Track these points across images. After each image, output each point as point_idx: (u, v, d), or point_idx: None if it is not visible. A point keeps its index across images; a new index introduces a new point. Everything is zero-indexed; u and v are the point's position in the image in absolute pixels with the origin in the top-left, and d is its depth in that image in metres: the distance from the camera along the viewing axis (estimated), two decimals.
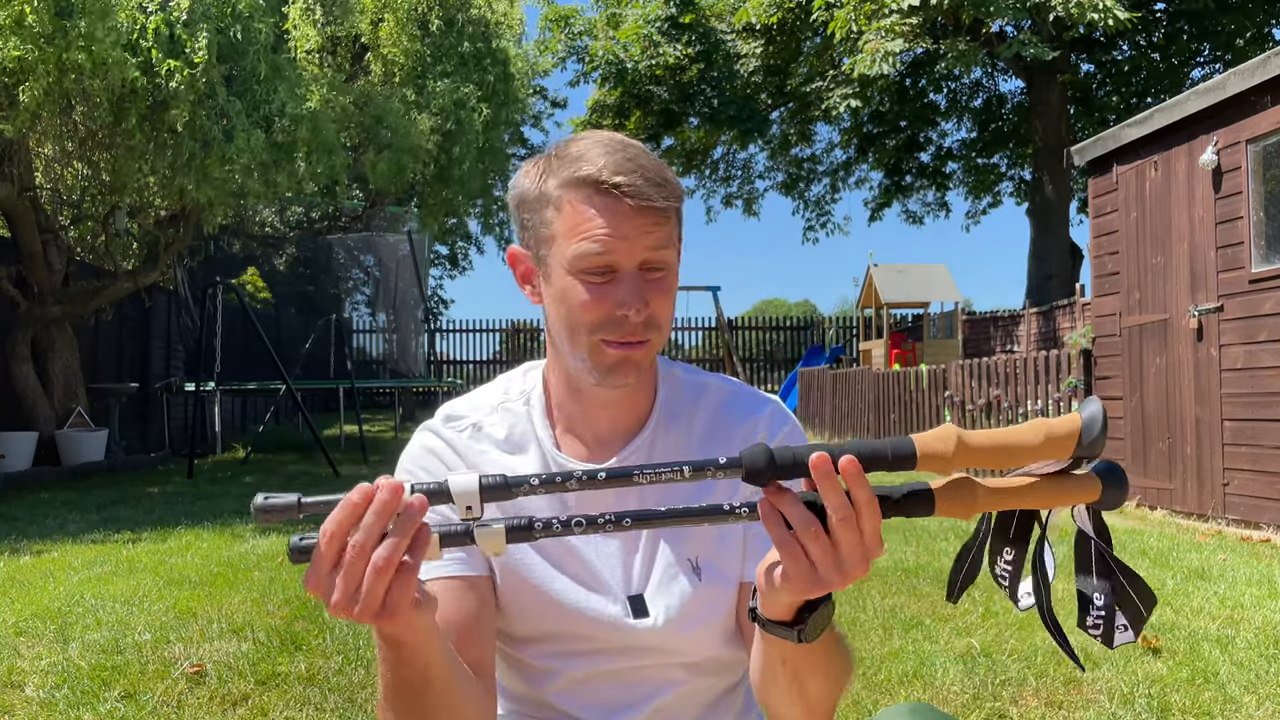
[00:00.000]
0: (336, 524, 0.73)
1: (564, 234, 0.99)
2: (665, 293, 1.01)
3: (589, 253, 0.97)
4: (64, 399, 9.23)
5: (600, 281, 0.98)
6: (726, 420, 1.12)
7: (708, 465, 0.76)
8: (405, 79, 10.80)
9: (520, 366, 1.19)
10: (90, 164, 9.65)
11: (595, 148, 0.99)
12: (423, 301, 15.89)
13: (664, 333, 1.03)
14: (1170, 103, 5.94)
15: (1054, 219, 16.77)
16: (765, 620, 0.85)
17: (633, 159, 0.98)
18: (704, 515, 0.77)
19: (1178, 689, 2.62)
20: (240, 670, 2.81)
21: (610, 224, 0.97)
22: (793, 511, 0.74)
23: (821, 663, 0.90)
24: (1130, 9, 13.19)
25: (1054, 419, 0.75)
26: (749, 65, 18.75)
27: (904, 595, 3.75)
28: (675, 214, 1.02)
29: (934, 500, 0.74)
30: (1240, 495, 5.42)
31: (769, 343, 21.16)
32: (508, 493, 0.77)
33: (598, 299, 0.98)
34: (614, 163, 0.97)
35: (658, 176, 0.98)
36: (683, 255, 1.09)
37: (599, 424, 1.10)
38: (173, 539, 5.23)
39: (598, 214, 0.97)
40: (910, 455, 0.74)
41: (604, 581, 1.07)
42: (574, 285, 0.99)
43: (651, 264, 0.99)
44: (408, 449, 1.11)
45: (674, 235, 1.02)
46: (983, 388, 8.43)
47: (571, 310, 1.00)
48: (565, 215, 0.99)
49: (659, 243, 0.99)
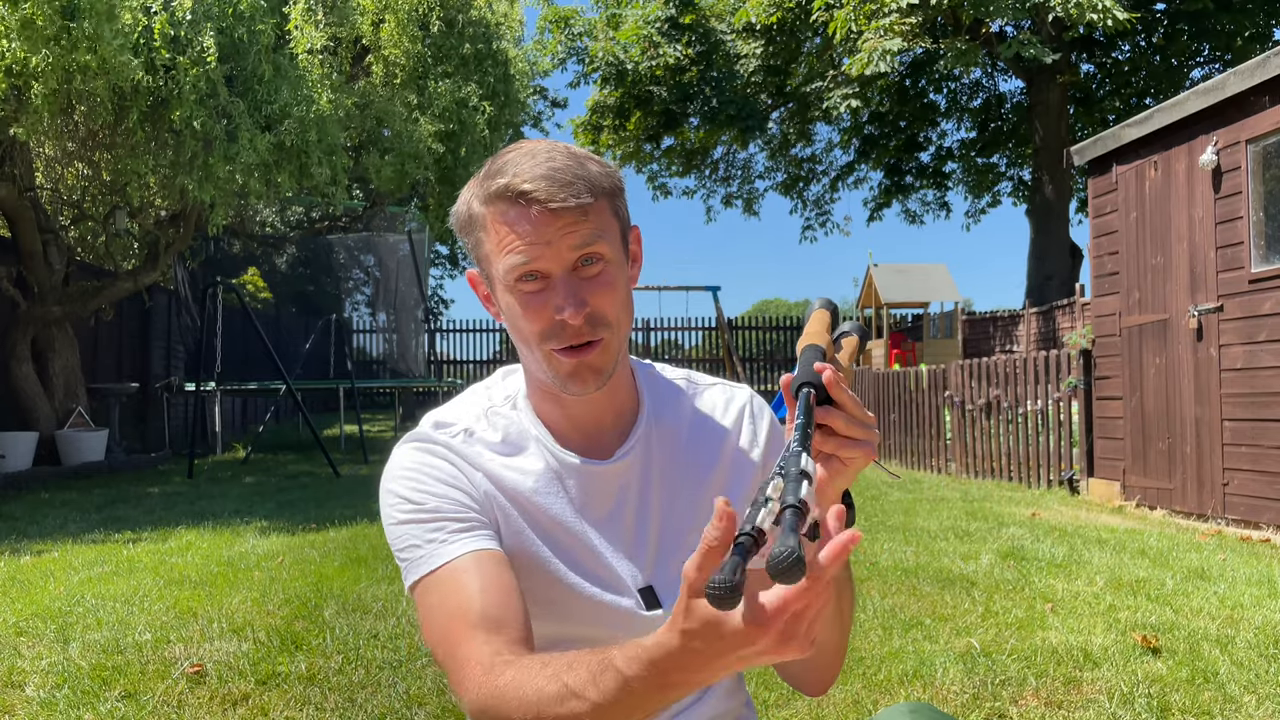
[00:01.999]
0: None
1: (494, 251, 1.00)
2: (606, 286, 0.99)
3: (516, 265, 0.97)
4: (64, 399, 9.23)
5: (536, 289, 0.98)
6: (712, 413, 1.16)
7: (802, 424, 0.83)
8: (406, 80, 10.80)
9: (496, 373, 1.19)
10: (91, 164, 9.66)
11: (512, 161, 0.99)
12: (423, 301, 15.89)
13: (617, 328, 1.01)
14: (1170, 103, 5.94)
15: (1054, 219, 16.78)
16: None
17: (543, 163, 0.97)
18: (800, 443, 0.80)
19: (1178, 689, 2.62)
20: (240, 670, 2.81)
21: (528, 232, 0.96)
22: (839, 391, 0.88)
23: (847, 578, 1.05)
24: (1130, 9, 13.20)
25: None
26: (749, 65, 18.77)
27: (904, 595, 3.75)
28: (603, 204, 1.00)
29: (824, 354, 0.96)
30: (1240, 495, 5.42)
31: (769, 343, 21.16)
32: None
33: (537, 308, 0.98)
34: (525, 170, 0.97)
35: (567, 175, 0.97)
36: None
37: (585, 423, 1.10)
38: (173, 539, 5.23)
39: (514, 225, 0.97)
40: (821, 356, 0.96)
41: (617, 576, 1.07)
42: (514, 299, 1.00)
43: (585, 258, 0.98)
44: (400, 468, 1.06)
45: (605, 227, 1.00)
46: (983, 388, 8.43)
47: (517, 324, 1.01)
48: (490, 233, 1.00)
49: (584, 240, 0.97)
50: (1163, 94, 16.81)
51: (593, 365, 1.00)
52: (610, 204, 1.02)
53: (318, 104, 8.41)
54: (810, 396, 0.87)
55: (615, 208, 1.03)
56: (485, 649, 0.91)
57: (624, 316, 1.03)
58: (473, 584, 0.96)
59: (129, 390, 10.42)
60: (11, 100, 7.10)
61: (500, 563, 1.00)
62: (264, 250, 16.42)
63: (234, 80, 7.96)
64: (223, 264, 14.81)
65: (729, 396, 1.18)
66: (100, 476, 8.68)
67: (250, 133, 7.76)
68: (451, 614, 0.95)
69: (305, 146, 8.26)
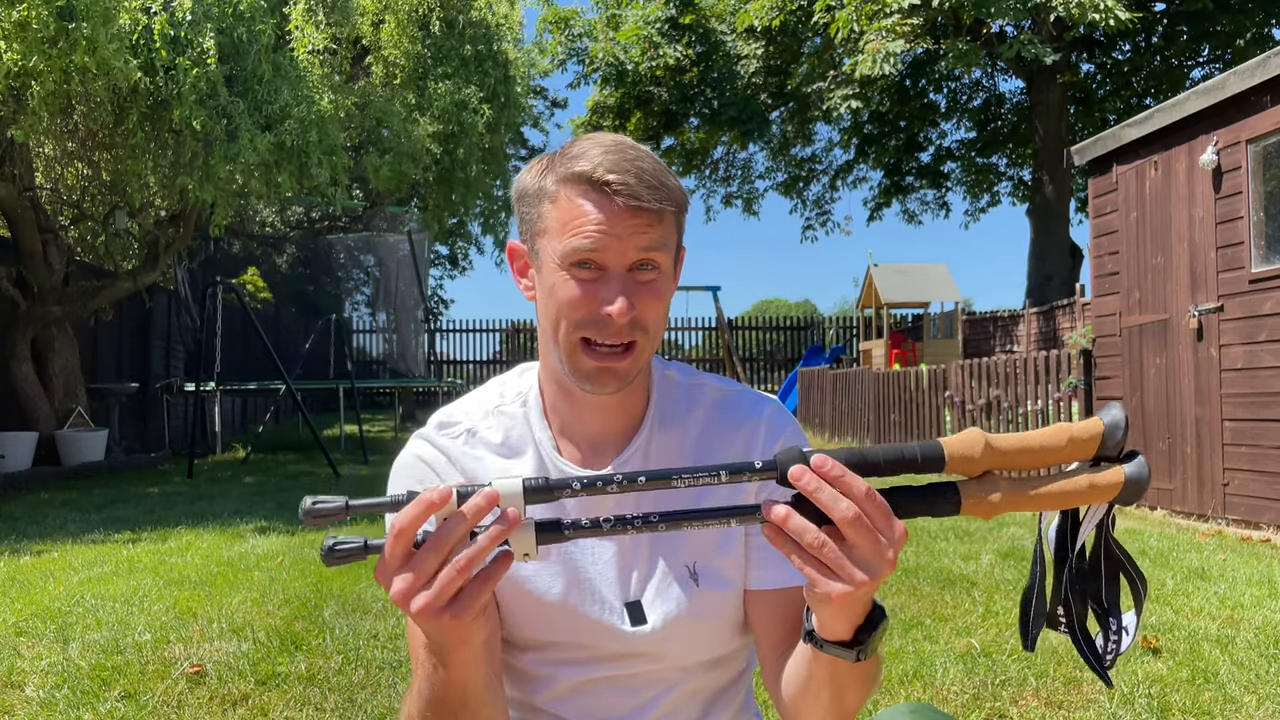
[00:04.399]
0: (408, 520, 0.75)
1: (557, 228, 0.99)
2: (655, 296, 0.99)
3: (579, 248, 0.96)
4: (64, 399, 9.23)
5: (589, 278, 0.97)
6: (723, 423, 1.11)
7: (744, 469, 0.78)
8: (406, 81, 10.81)
9: (515, 368, 1.18)
10: (90, 164, 9.66)
11: (596, 147, 0.99)
12: (423, 301, 15.89)
13: (653, 338, 1.01)
14: (1170, 103, 5.93)
15: (1054, 219, 16.77)
16: (824, 642, 0.84)
17: (631, 160, 0.98)
18: (729, 514, 0.78)
19: (1178, 689, 2.62)
20: (240, 670, 2.81)
21: (602, 220, 0.96)
22: (792, 525, 0.74)
23: (867, 674, 0.91)
24: (1130, 9, 13.19)
25: (1077, 423, 0.78)
26: (749, 66, 18.77)
27: (904, 595, 3.75)
28: (672, 218, 1.00)
29: (958, 492, 0.76)
30: (1240, 495, 5.42)
31: (769, 343, 21.16)
32: (550, 495, 0.77)
33: (585, 295, 0.97)
34: (610, 161, 0.97)
35: (654, 179, 0.97)
36: (684, 255, 1.08)
37: (591, 426, 1.09)
38: (173, 539, 5.23)
39: (590, 210, 0.97)
40: (939, 458, 0.76)
41: (600, 589, 1.06)
42: (564, 279, 0.98)
43: (642, 263, 0.98)
44: (400, 458, 1.10)
45: (669, 239, 1.00)
46: (983, 388, 8.43)
47: (559, 304, 0.99)
48: (559, 209, 0.99)
49: (651, 244, 0.97)
50: (1163, 94, 16.81)
51: (617, 371, 1.00)
52: (677, 219, 1.02)
53: (318, 104, 8.41)
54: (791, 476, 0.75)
55: (679, 224, 1.03)
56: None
57: (659, 327, 1.02)
58: None
59: (129, 390, 10.41)
60: (10, 102, 7.10)
61: None
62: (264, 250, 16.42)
63: (234, 80, 7.96)
64: (223, 264, 14.82)
65: (747, 405, 1.13)
66: (100, 476, 8.68)
67: (250, 133, 7.76)
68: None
69: (305, 147, 8.26)
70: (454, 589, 0.75)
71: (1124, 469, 0.77)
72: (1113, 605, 0.82)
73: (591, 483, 0.77)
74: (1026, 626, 0.82)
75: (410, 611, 0.76)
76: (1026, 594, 0.83)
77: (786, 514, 0.74)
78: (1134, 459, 0.78)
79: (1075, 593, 0.82)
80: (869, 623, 0.83)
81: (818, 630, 0.85)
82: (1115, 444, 0.77)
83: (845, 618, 0.81)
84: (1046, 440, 0.77)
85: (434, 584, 0.75)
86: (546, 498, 0.77)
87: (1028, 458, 0.77)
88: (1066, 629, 0.82)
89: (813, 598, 0.78)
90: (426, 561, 0.75)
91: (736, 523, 0.78)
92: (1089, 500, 0.78)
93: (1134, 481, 0.77)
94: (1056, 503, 0.78)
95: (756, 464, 0.77)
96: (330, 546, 0.76)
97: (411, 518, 0.74)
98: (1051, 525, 0.83)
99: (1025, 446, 0.77)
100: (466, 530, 0.75)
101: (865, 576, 0.74)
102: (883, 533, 0.74)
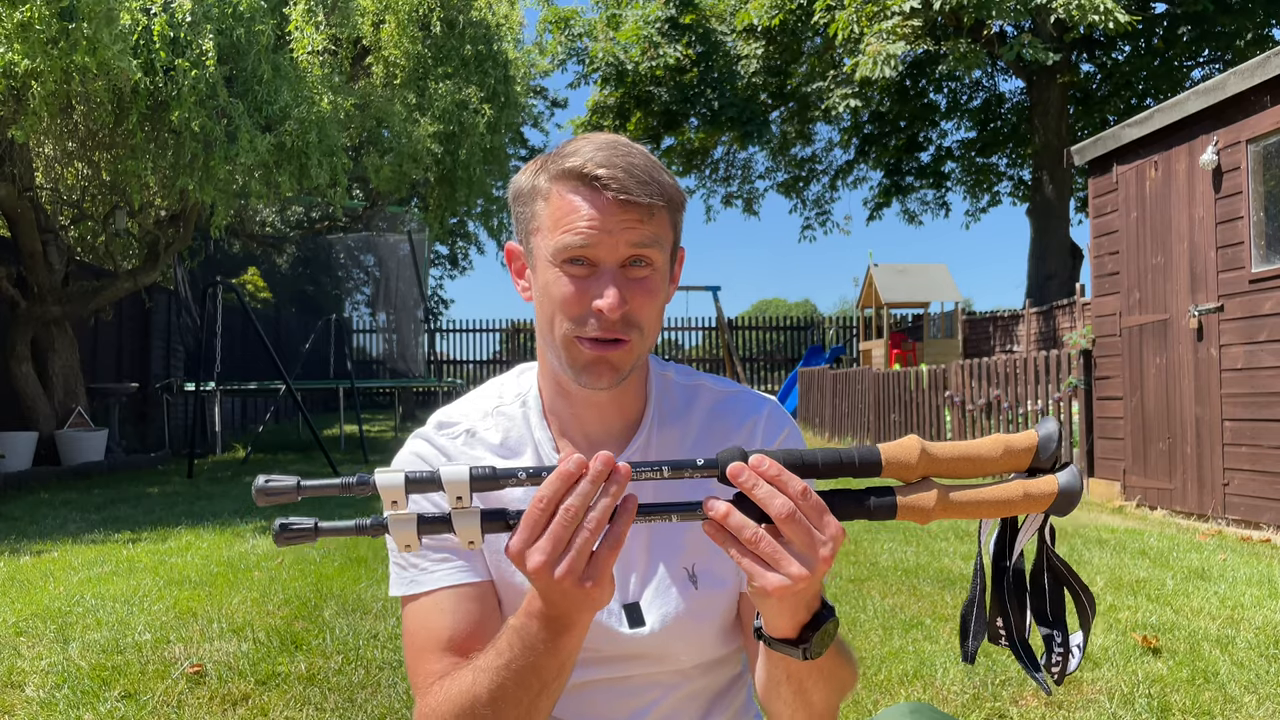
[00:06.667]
0: (553, 490, 0.78)
1: (549, 225, 0.99)
2: (648, 293, 0.99)
3: (571, 244, 0.96)
4: (64, 399, 9.23)
5: (581, 275, 0.98)
6: (722, 423, 1.11)
7: (685, 465, 0.80)
8: (406, 81, 10.81)
9: (514, 369, 1.18)
10: (90, 164, 9.65)
11: (588, 145, 0.99)
12: (423, 301, 15.90)
13: (647, 335, 1.01)
14: (1170, 103, 5.93)
15: (1054, 219, 16.77)
16: (770, 639, 0.86)
17: (622, 155, 0.98)
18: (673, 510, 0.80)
19: (1178, 689, 2.62)
20: (240, 670, 2.81)
21: (593, 216, 0.96)
22: (731, 521, 0.77)
23: (826, 673, 0.92)
24: (1130, 12, 13.19)
25: (1013, 434, 0.80)
26: (749, 66, 18.76)
27: (904, 595, 3.75)
28: (665, 215, 1.00)
29: (895, 497, 0.79)
30: (1240, 495, 5.42)
31: (769, 343, 21.16)
32: (496, 484, 0.79)
33: (578, 291, 0.97)
34: (602, 157, 0.97)
35: (645, 174, 0.97)
36: (684, 256, 1.08)
37: (590, 425, 1.09)
38: (173, 539, 5.23)
39: (581, 205, 0.97)
40: (876, 462, 0.79)
41: None
42: (557, 276, 0.98)
43: (635, 259, 0.98)
44: (399, 457, 1.10)
45: (662, 236, 1.00)
46: (983, 388, 8.43)
47: (552, 301, 0.99)
48: (552, 206, 0.99)
49: (643, 240, 0.97)
50: (1163, 94, 16.80)
51: (612, 362, 0.99)
52: (671, 216, 1.02)
53: (318, 105, 8.41)
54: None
55: (675, 221, 1.03)
56: (438, 667, 0.98)
57: (654, 326, 1.02)
58: (445, 621, 1.01)
59: (129, 390, 10.41)
60: (10, 102, 7.10)
61: (476, 598, 1.03)
62: (264, 250, 16.39)
63: (234, 81, 7.96)
64: (223, 264, 14.80)
65: (746, 405, 1.13)
66: (100, 476, 8.68)
67: (250, 133, 7.76)
68: (422, 646, 1.01)
69: (305, 147, 8.26)
70: (588, 552, 0.78)
71: (1057, 478, 0.79)
72: (1058, 619, 0.83)
73: (537, 473, 0.80)
74: (966, 638, 0.84)
75: (553, 579, 0.78)
76: (966, 606, 0.84)
77: (727, 510, 0.77)
78: (1066, 469, 0.80)
79: (1014, 604, 0.83)
80: (815, 621, 0.83)
81: (764, 628, 0.86)
82: (1049, 455, 0.79)
83: (788, 614, 0.82)
84: (983, 450, 0.79)
85: (571, 548, 0.77)
86: (492, 486, 0.79)
87: (964, 466, 0.79)
88: (1006, 641, 0.83)
89: (753, 592, 0.80)
90: (561, 529, 0.77)
91: (678, 518, 0.80)
92: (1024, 509, 0.79)
93: (1067, 490, 0.78)
94: (992, 510, 0.79)
95: (698, 461, 0.80)
96: (282, 526, 0.77)
97: (555, 488, 0.77)
98: (992, 537, 0.84)
99: (962, 455, 0.79)
100: (593, 495, 0.77)
101: (802, 570, 0.75)
102: (818, 529, 0.76)
